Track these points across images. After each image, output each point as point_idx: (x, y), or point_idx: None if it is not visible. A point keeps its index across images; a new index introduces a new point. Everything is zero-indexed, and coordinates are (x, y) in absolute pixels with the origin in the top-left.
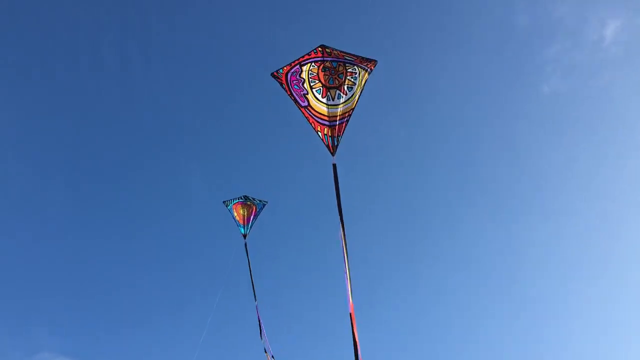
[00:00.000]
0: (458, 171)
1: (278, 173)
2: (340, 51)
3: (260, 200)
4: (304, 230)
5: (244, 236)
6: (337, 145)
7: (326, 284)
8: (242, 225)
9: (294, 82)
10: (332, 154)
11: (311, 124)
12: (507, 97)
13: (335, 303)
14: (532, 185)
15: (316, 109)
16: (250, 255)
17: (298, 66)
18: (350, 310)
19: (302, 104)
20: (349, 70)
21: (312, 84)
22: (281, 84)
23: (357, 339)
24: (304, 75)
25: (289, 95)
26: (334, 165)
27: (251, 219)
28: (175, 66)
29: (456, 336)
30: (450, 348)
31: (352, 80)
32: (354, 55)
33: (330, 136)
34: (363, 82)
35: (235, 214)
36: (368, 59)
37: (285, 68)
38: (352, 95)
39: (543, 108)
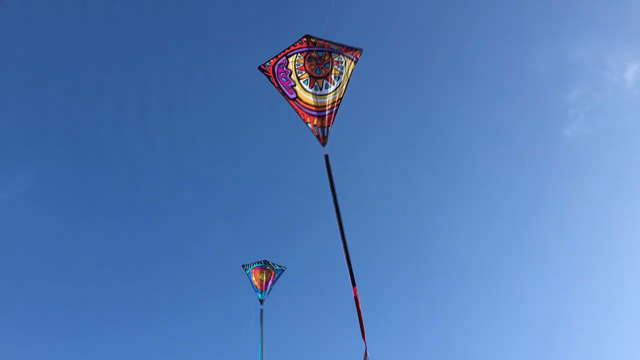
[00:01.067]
0: (482, 221)
1: (270, 169)
2: (326, 40)
3: (279, 266)
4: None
5: (261, 301)
6: (327, 135)
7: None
8: (259, 291)
9: (281, 74)
10: (323, 144)
11: (300, 116)
12: (529, 143)
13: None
14: (558, 228)
15: (304, 100)
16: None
17: (284, 58)
18: (355, 295)
19: (291, 96)
20: (334, 59)
21: (299, 75)
22: (269, 77)
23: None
24: (291, 66)
25: (276, 88)
26: (326, 156)
27: (269, 284)
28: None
29: (459, 338)
30: (453, 349)
31: (339, 69)
32: (339, 44)
33: (320, 127)
34: (350, 72)
35: (254, 278)
36: (353, 47)
37: (272, 60)
38: (340, 85)
39: (567, 151)
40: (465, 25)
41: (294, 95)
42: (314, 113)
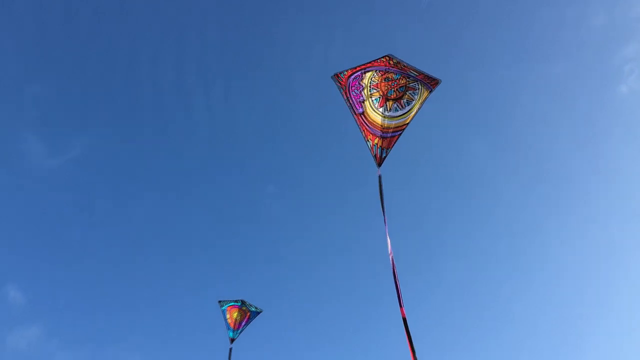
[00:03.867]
0: (536, 175)
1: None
2: (406, 64)
3: (256, 308)
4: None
5: (231, 340)
6: (385, 157)
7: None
8: (232, 330)
9: (354, 87)
10: (378, 165)
11: (362, 132)
12: (585, 99)
13: None
14: (613, 186)
15: (371, 118)
16: None
17: (361, 72)
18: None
19: (358, 111)
20: (410, 84)
21: (371, 92)
22: (340, 87)
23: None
24: (365, 82)
25: (345, 99)
26: (380, 177)
27: (242, 325)
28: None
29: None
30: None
31: (412, 95)
32: (418, 70)
33: (380, 147)
34: (423, 99)
35: (228, 316)
36: (432, 77)
37: (348, 71)
38: (409, 111)
39: (622, 107)
40: None
41: (361, 110)
42: (378, 133)
